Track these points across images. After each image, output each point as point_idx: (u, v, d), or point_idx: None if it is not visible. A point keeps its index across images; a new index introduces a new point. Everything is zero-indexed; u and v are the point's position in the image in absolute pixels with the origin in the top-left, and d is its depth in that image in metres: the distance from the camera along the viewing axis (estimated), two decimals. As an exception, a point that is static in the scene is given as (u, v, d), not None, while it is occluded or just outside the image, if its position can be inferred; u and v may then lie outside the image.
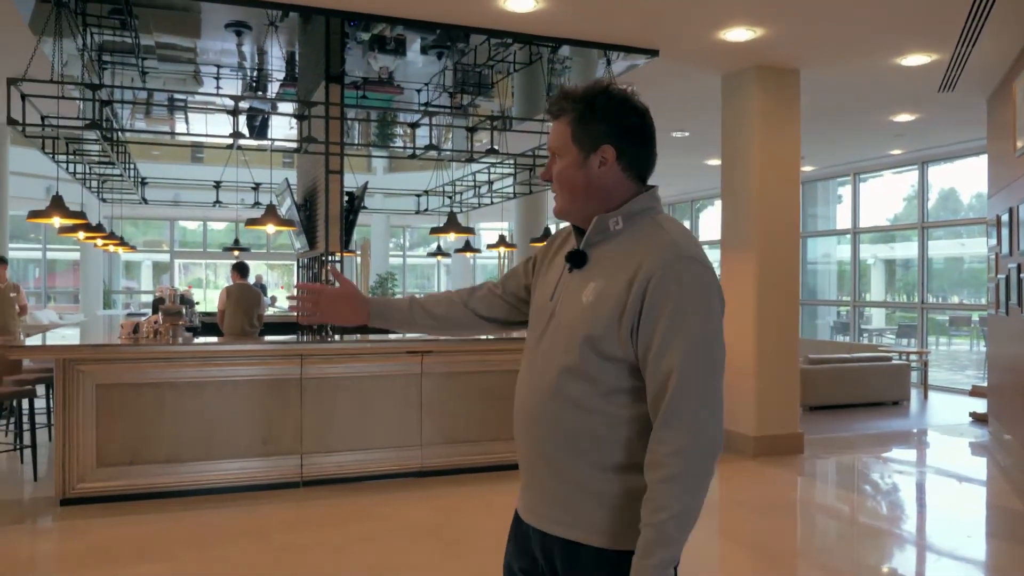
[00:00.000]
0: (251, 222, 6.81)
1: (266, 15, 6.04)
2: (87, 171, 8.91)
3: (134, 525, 4.87)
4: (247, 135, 8.39)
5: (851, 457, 7.30)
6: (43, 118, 5.64)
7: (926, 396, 10.76)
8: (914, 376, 10.76)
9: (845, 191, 13.63)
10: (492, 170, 9.50)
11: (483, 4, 5.36)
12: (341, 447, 5.75)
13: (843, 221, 13.66)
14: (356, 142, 10.54)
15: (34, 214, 5.86)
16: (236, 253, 11.31)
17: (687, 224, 16.72)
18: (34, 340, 6.08)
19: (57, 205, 5.62)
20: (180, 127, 9.76)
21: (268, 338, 6.56)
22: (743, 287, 6.97)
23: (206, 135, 7.30)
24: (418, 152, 6.96)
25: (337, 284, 1.90)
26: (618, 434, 1.56)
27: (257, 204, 10.56)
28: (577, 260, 1.63)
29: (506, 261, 16.35)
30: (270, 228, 6.79)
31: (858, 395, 9.65)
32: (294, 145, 8.25)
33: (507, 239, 10.51)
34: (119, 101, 7.41)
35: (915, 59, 6.55)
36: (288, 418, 5.63)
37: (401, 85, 8.18)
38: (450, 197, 10.94)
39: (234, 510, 5.16)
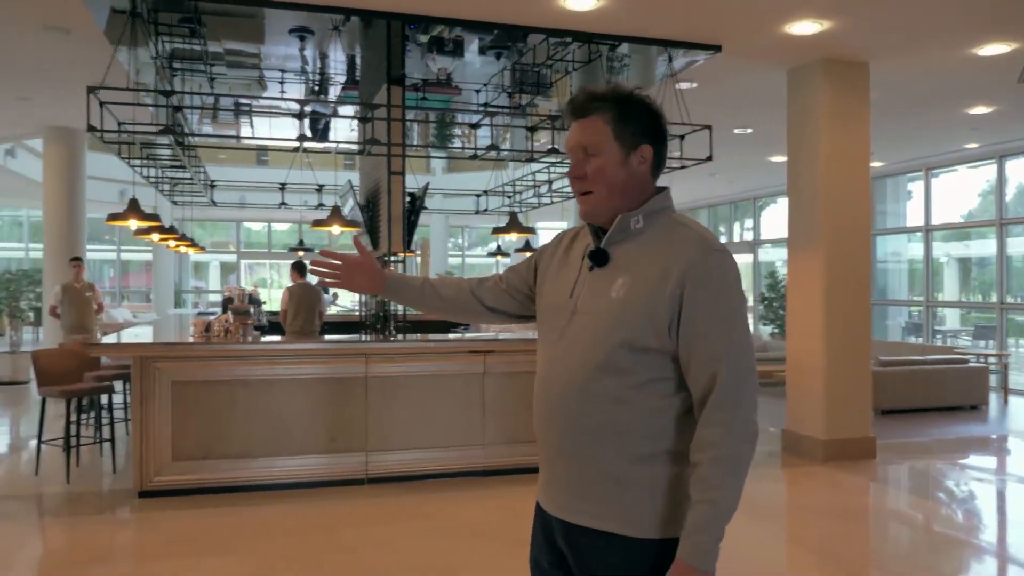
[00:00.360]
0: (317, 223, 6.93)
1: (329, 20, 6.14)
2: (159, 175, 9.21)
3: (207, 518, 5.01)
4: (312, 138, 8.56)
5: (926, 463, 7.06)
6: (120, 124, 5.84)
7: (1006, 400, 10.34)
8: (993, 379, 10.35)
9: (915, 187, 13.20)
10: (552, 169, 9.48)
11: (544, 4, 5.35)
12: (405, 445, 5.82)
13: (914, 218, 13.24)
14: (416, 143, 10.65)
15: (113, 217, 6.08)
16: (300, 253, 11.54)
17: (750, 223, 16.47)
18: (111, 338, 6.31)
19: (134, 208, 5.82)
20: (245, 131, 10.01)
21: (333, 337, 6.67)
22: (811, 286, 6.81)
23: (273, 138, 7.44)
24: (479, 153, 6.99)
25: (359, 254, 1.95)
26: (649, 424, 1.61)
27: (321, 205, 10.75)
28: (599, 258, 1.68)
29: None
30: (335, 229, 6.91)
31: (933, 399, 9.32)
32: (357, 147, 8.38)
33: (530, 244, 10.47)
34: (189, 107, 7.62)
35: (993, 49, 6.31)
36: (353, 416, 5.72)
37: (459, 86, 8.23)
38: (509, 197, 10.96)
39: (301, 506, 5.27)
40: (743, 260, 16.77)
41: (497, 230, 8.39)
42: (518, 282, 1.95)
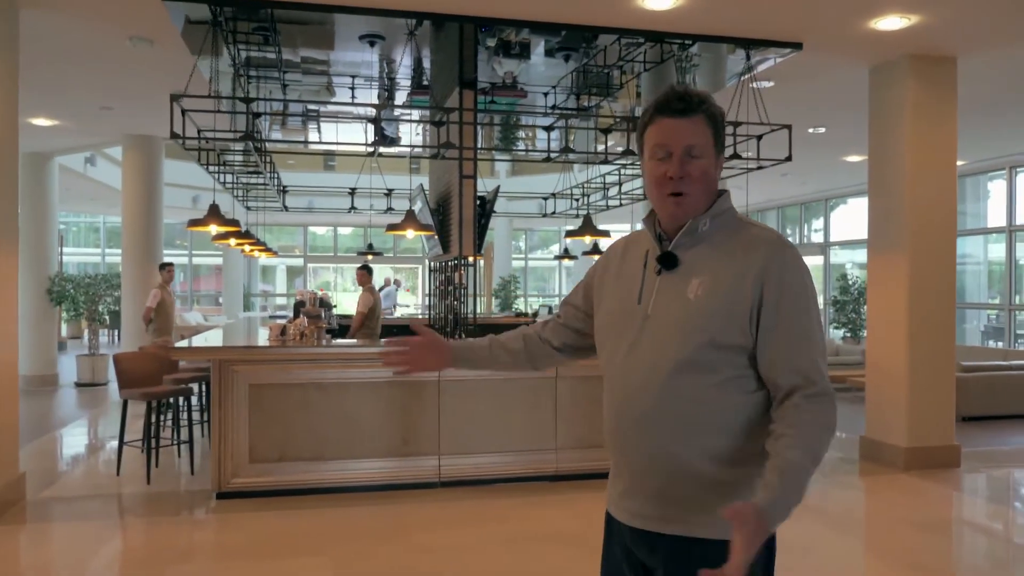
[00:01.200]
0: (392, 227, 6.98)
1: (402, 25, 6.17)
2: (234, 180, 9.41)
3: (283, 519, 5.07)
4: (383, 143, 8.61)
5: (1014, 472, 6.75)
6: (199, 132, 5.97)
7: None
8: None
9: (995, 186, 12.68)
10: (622, 172, 9.38)
11: (621, 4, 5.28)
12: (477, 449, 5.80)
13: (994, 218, 12.71)
14: (480, 146, 10.64)
15: (193, 222, 6.21)
16: (369, 256, 11.66)
17: (819, 224, 16.05)
18: (184, 342, 6.45)
19: (214, 214, 5.93)
20: (313, 136, 10.18)
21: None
22: (894, 289, 6.57)
23: (345, 143, 7.53)
24: (553, 156, 6.94)
25: (420, 336, 1.94)
26: (731, 423, 1.63)
27: (390, 210, 10.84)
28: (669, 262, 1.69)
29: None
30: (410, 233, 6.94)
31: (1017, 405, 8.96)
32: (430, 151, 8.42)
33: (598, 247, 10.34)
34: (265, 113, 7.77)
35: (1091, 41, 6.00)
36: (426, 420, 5.72)
37: (525, 89, 8.20)
38: (577, 200, 10.88)
39: (375, 508, 5.29)
40: (813, 262, 16.35)
41: (571, 233, 8.33)
42: (574, 312, 1.95)
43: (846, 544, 4.89)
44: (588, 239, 8.74)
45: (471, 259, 6.95)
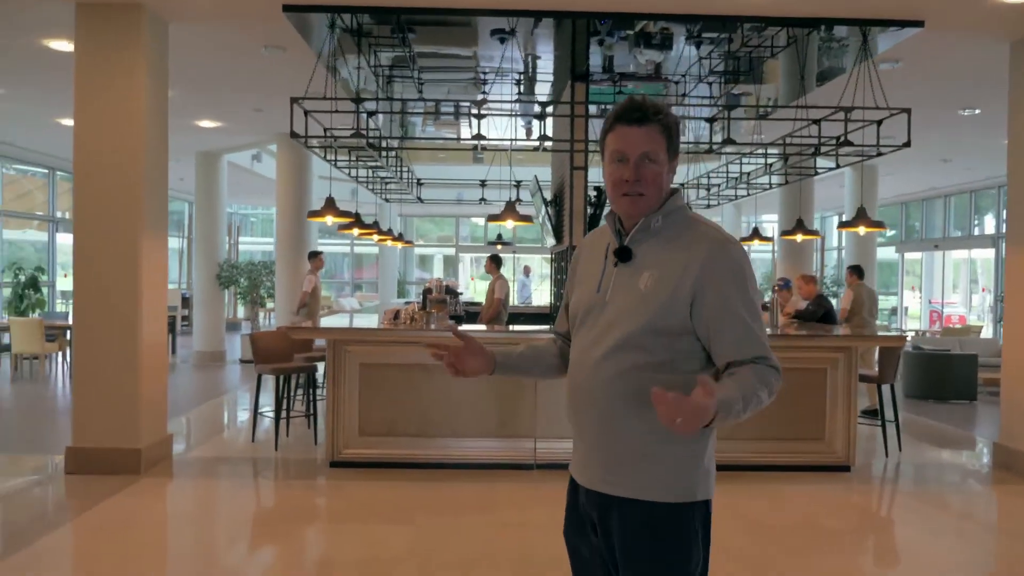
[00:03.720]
0: (492, 217, 7.24)
1: (528, 20, 6.36)
2: (369, 175, 10.04)
3: (383, 489, 5.45)
4: (527, 136, 8.88)
5: None
6: (326, 130, 6.48)
7: None
8: None
9: None
10: (745, 160, 9.14)
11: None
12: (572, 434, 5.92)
13: None
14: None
15: (312, 214, 6.73)
16: (498, 247, 12.02)
17: (992, 217, 14.74)
18: (308, 323, 7.00)
19: (330, 206, 6.42)
20: (465, 132, 10.68)
21: (515, 328, 6.94)
22: (1032, 284, 6.06)
23: (459, 138, 7.87)
24: (713, 147, 6.91)
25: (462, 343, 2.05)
26: None
27: (519, 201, 11.11)
28: (624, 255, 1.87)
29: (778, 255, 15.54)
30: (509, 223, 7.16)
31: None
32: (555, 144, 8.60)
33: (760, 232, 10.03)
34: (391, 112, 8.23)
35: None
36: (523, 403, 5.93)
37: (668, 78, 8.20)
38: (707, 189, 10.69)
39: (470, 484, 5.56)
40: (983, 255, 15.07)
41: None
42: (565, 312, 2.11)
43: (969, 557, 4.61)
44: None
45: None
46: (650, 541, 1.80)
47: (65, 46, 6.50)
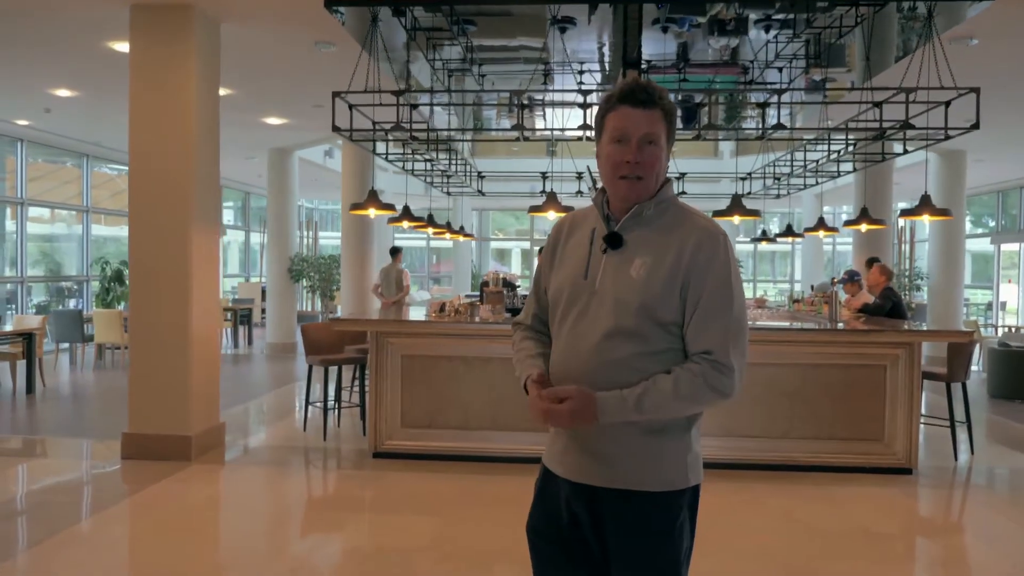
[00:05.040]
0: (534, 209, 7.16)
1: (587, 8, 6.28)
2: (427, 168, 10.08)
3: (420, 481, 5.46)
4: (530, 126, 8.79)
5: None
6: (374, 124, 6.53)
7: None
8: None
9: None
10: (810, 148, 8.76)
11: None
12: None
13: None
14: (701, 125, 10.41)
15: (355, 207, 6.79)
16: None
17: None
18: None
19: (372, 198, 6.46)
20: (539, 123, 10.65)
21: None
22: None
23: (519, 128, 7.80)
24: (768, 133, 6.68)
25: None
26: None
27: (579, 193, 11.01)
28: (615, 242, 1.85)
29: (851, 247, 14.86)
30: (551, 214, 7.07)
31: None
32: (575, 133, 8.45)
33: (825, 223, 9.56)
34: (450, 104, 8.24)
35: None
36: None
37: (745, 65, 7.96)
38: (777, 179, 10.31)
39: (508, 478, 5.50)
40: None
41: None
42: (543, 297, 2.01)
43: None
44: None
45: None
46: (646, 530, 1.80)
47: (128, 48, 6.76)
